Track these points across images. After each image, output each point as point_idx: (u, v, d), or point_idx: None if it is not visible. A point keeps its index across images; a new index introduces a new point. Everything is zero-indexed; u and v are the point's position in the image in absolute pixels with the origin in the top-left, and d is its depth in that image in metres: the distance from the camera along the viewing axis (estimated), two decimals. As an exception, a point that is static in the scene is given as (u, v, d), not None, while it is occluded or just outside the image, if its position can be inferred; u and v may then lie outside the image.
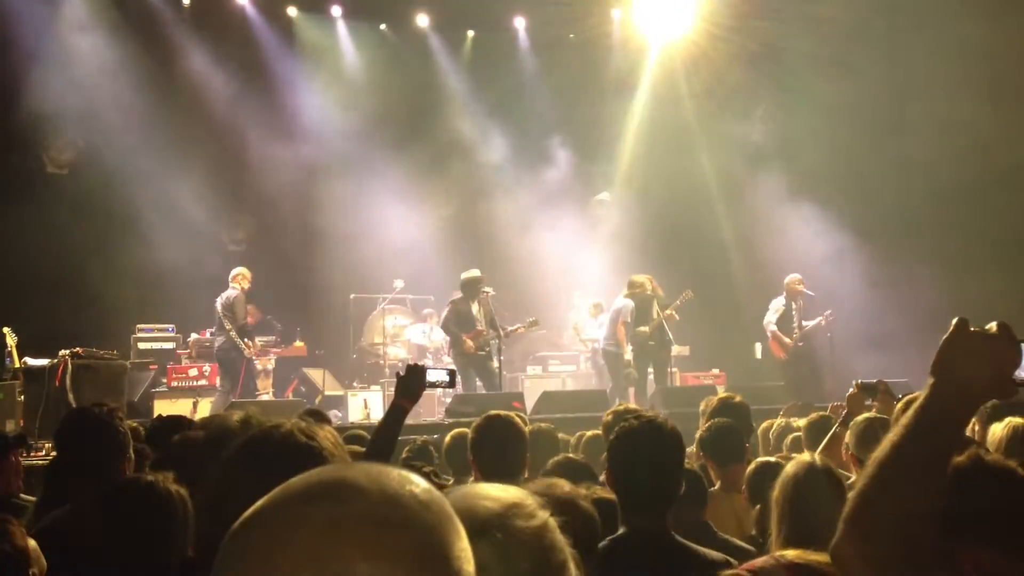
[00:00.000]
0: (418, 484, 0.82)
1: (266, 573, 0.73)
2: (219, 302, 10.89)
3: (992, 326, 1.33)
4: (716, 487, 3.84)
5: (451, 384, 3.84)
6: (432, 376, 3.67)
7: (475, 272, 10.86)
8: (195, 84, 12.97)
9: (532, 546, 1.09)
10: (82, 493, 2.76)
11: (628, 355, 10.73)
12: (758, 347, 12.83)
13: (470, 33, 14.95)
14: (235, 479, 1.48)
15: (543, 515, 1.12)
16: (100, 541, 2.26)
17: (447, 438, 4.82)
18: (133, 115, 12.30)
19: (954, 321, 1.34)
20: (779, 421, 5.67)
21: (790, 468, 2.56)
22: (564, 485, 1.90)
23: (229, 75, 13.06)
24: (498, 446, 3.44)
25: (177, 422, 4.55)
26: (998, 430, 3.43)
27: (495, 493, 1.14)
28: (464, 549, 0.80)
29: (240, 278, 10.99)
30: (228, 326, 10.77)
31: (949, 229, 11.94)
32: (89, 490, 2.65)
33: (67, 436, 3.20)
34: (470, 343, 10.53)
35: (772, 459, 3.75)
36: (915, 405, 1.34)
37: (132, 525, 2.26)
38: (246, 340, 10.82)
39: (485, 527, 1.05)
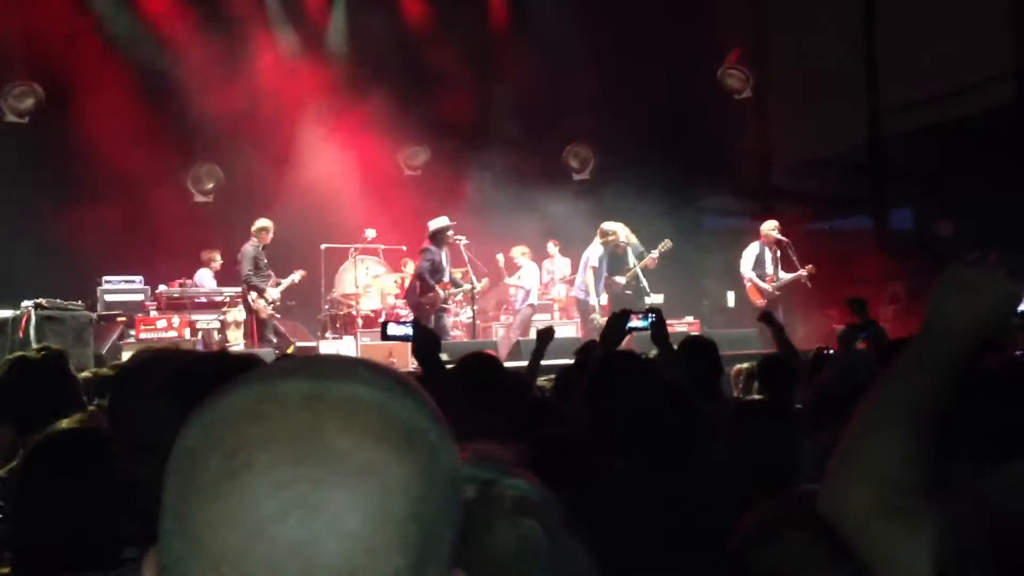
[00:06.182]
0: (395, 370, 0.76)
1: (233, 447, 0.65)
2: None
3: (991, 258, 1.28)
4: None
5: (415, 338, 3.69)
6: (392, 331, 3.63)
7: (444, 220, 10.74)
8: (159, 28, 12.71)
9: None
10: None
11: (594, 301, 10.71)
12: (731, 295, 12.85)
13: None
14: (165, 412, 1.39)
15: None
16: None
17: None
18: (98, 61, 12.03)
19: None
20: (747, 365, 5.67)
21: None
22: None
23: (193, 24, 12.80)
24: (484, 381, 3.44)
25: None
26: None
27: None
28: (449, 440, 0.74)
29: (255, 231, 10.87)
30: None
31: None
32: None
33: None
34: (440, 294, 10.50)
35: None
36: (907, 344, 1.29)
37: None
38: (253, 292, 10.71)
39: None
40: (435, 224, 10.69)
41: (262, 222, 10.92)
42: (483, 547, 0.89)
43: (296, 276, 11.04)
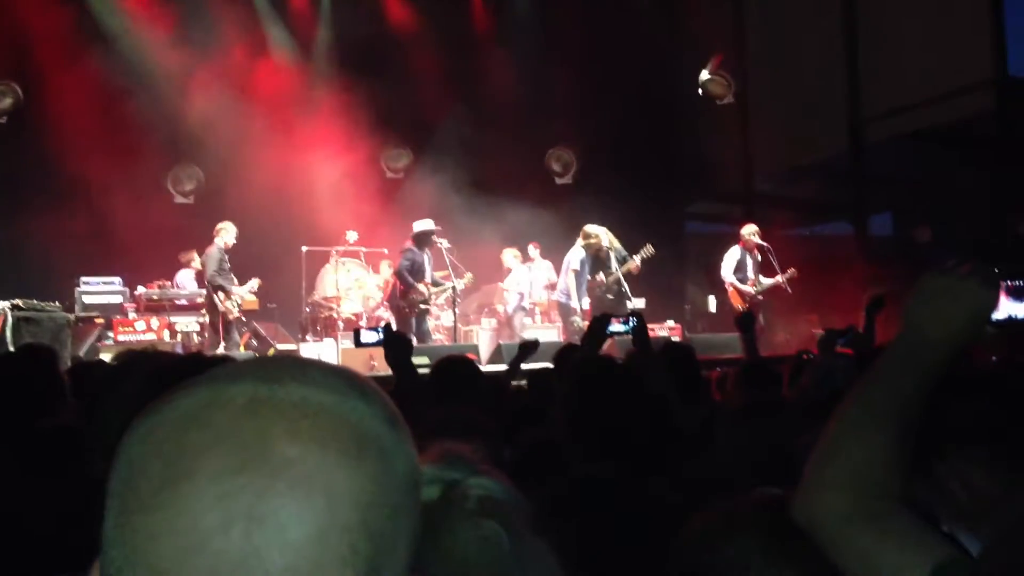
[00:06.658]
0: (351, 371, 0.72)
1: (176, 455, 0.63)
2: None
3: (965, 267, 1.28)
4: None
5: (386, 342, 3.69)
6: (364, 338, 3.62)
7: (428, 223, 10.71)
8: (141, 28, 12.64)
9: None
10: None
11: (576, 304, 10.70)
12: (712, 300, 12.88)
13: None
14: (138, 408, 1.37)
15: None
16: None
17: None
18: (78, 61, 11.95)
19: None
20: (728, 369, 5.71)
21: None
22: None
23: (173, 24, 12.75)
24: (460, 385, 3.41)
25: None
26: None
27: None
28: (405, 444, 0.70)
29: (219, 232, 10.76)
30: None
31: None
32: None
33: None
34: (422, 291, 10.48)
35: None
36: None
37: None
38: (220, 293, 10.61)
39: None
40: (419, 226, 10.67)
41: (224, 224, 10.82)
42: (444, 549, 0.87)
43: (254, 284, 10.92)
